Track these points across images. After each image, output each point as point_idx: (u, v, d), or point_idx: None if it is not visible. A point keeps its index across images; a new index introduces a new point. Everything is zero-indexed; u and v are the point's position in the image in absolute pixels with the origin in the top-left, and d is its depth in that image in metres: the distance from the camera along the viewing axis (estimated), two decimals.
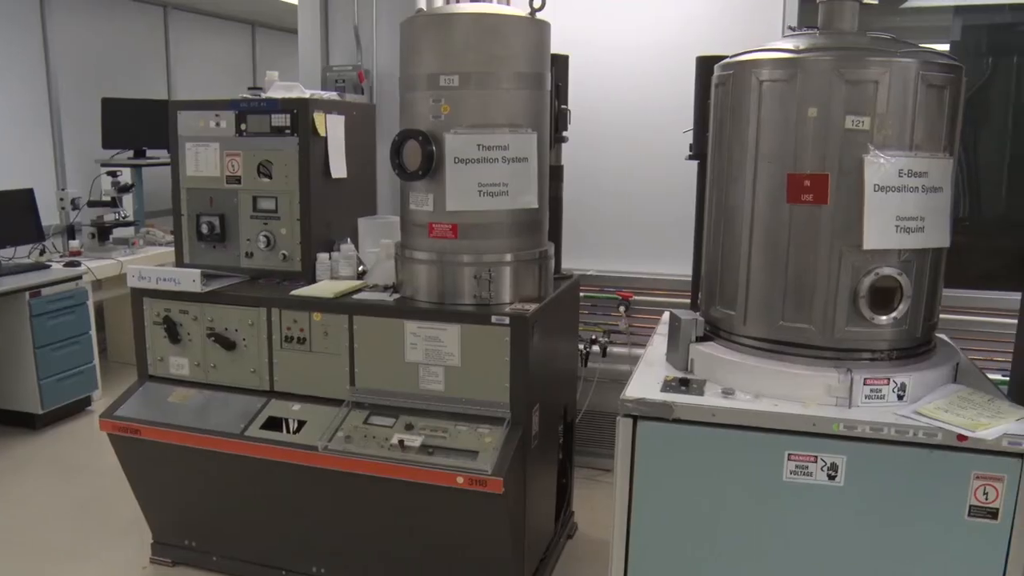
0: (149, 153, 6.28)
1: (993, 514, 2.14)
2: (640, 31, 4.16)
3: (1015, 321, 2.85)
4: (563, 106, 3.33)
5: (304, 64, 4.64)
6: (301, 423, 3.10)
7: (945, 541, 2.19)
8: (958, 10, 4.25)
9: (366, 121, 3.80)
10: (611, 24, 4.19)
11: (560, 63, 3.28)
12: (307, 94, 3.48)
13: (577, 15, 4.15)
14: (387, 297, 3.09)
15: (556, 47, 3.12)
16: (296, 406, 3.15)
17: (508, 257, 2.96)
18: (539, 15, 2.94)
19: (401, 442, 2.88)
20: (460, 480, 2.78)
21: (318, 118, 3.34)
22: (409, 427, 2.94)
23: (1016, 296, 2.83)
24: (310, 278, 3.37)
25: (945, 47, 4.27)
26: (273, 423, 3.14)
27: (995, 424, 2.13)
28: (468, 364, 2.91)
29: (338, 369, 3.09)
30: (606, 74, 4.17)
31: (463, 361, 2.91)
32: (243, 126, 3.38)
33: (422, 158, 2.86)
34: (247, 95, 3.45)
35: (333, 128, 3.43)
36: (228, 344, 3.23)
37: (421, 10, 3.05)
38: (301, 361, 3.15)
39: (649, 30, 4.15)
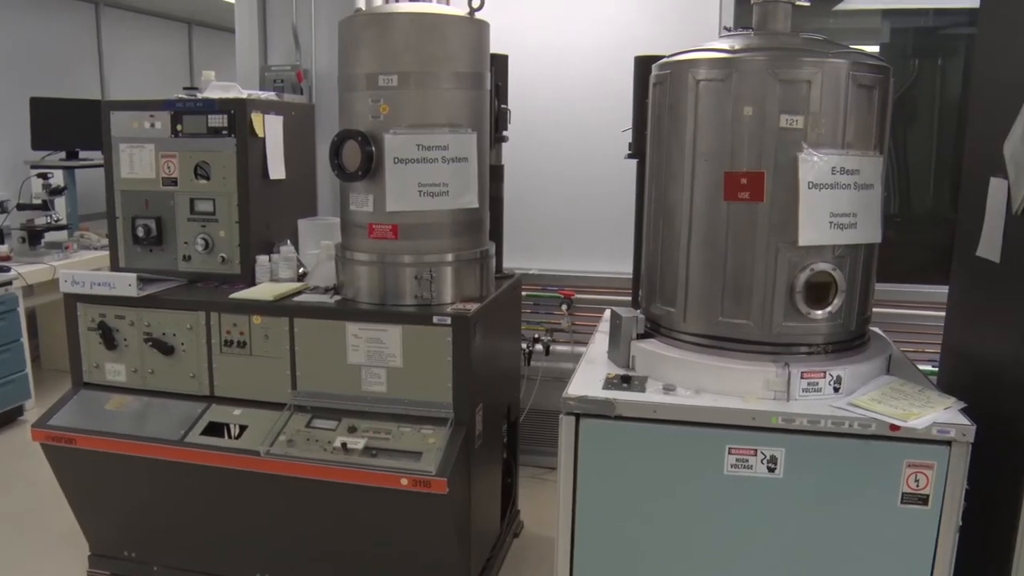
0: (82, 154, 6.12)
1: (924, 500, 2.20)
2: (579, 31, 4.19)
3: (944, 314, 2.95)
4: (503, 106, 3.34)
5: (242, 64, 4.57)
6: (242, 428, 3.05)
7: (880, 528, 2.25)
8: (886, 13, 4.37)
9: (305, 121, 3.76)
10: (550, 24, 4.21)
11: (499, 63, 3.29)
12: (245, 94, 3.43)
13: (516, 15, 4.17)
14: (328, 299, 3.07)
15: (495, 47, 3.12)
16: (237, 411, 3.10)
17: (449, 257, 2.96)
18: (478, 15, 2.94)
19: (344, 445, 2.86)
20: (404, 481, 2.77)
21: (256, 119, 3.29)
22: (352, 429, 2.92)
23: (944, 289, 2.92)
24: (249, 281, 3.32)
25: (875, 49, 4.39)
26: (214, 429, 3.08)
27: (925, 413, 2.19)
28: (410, 365, 2.90)
29: (279, 372, 3.05)
30: (545, 74, 4.20)
31: (405, 362, 2.90)
32: (179, 127, 3.31)
33: (361, 159, 2.84)
34: (183, 95, 3.39)
35: (271, 129, 3.39)
36: (166, 349, 3.17)
37: (360, 9, 3.03)
38: (241, 365, 3.11)
39: (588, 30, 4.18)
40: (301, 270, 3.37)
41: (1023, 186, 2.25)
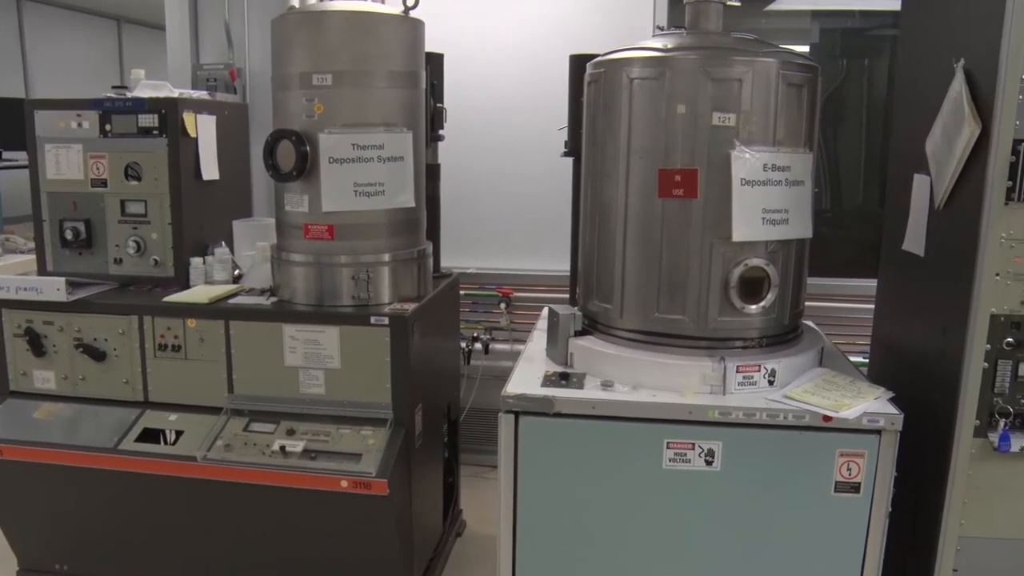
0: (6, 155, 5.94)
1: (856, 488, 2.26)
2: (515, 29, 4.20)
3: (873, 306, 3.03)
4: (439, 104, 3.33)
5: (173, 62, 4.48)
6: (178, 433, 2.98)
7: (815, 516, 2.30)
8: (815, 14, 4.48)
9: (239, 121, 3.70)
10: (486, 22, 4.22)
11: (435, 61, 3.27)
12: (176, 93, 3.35)
13: (451, 14, 4.16)
14: (264, 301, 3.02)
15: (430, 45, 3.11)
16: (173, 416, 3.04)
17: (386, 257, 2.94)
18: (413, 13, 2.92)
19: (283, 448, 2.82)
20: (344, 484, 2.75)
21: (188, 118, 3.22)
22: (291, 432, 2.88)
23: (874, 283, 3.00)
24: (183, 284, 3.25)
25: (806, 49, 4.49)
26: (149, 435, 3.01)
27: (856, 404, 2.25)
28: (348, 366, 2.87)
29: (215, 376, 3.00)
30: (481, 72, 4.20)
31: (343, 363, 2.87)
32: (108, 127, 3.22)
33: (296, 158, 2.80)
34: (111, 94, 3.30)
35: (204, 128, 3.32)
36: (98, 355, 3.09)
37: (293, 7, 2.98)
38: (176, 369, 3.04)
39: (523, 28, 4.20)
40: (236, 272, 3.32)
41: (945, 182, 2.32)
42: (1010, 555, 2.34)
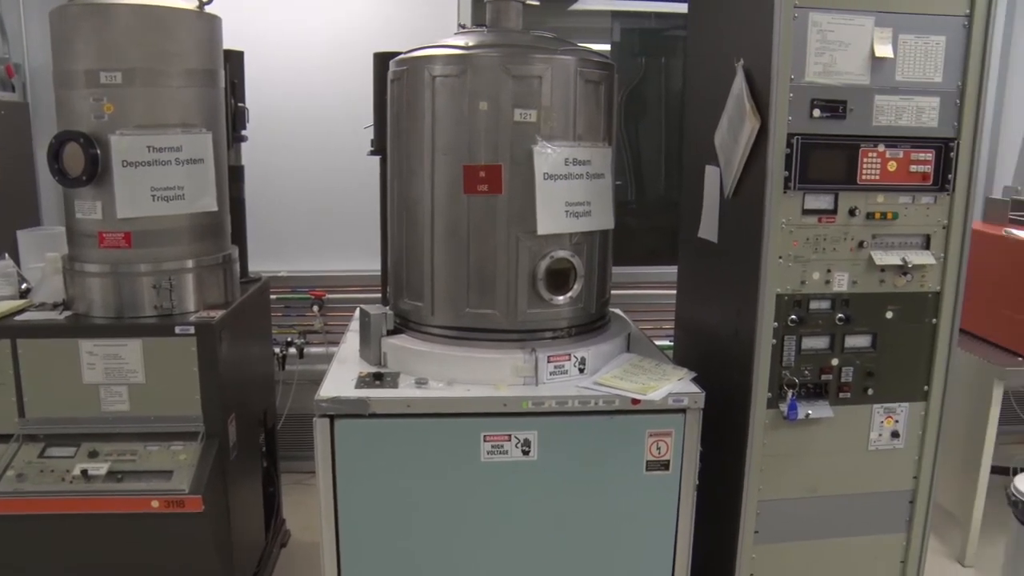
0: None
1: (665, 466, 2.38)
2: (317, 26, 4.13)
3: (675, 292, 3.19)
4: (240, 104, 3.21)
5: None
6: None
7: (629, 496, 2.40)
8: (615, 15, 4.66)
9: (18, 121, 3.44)
10: (288, 18, 4.11)
11: (234, 59, 3.15)
12: None
13: (250, 10, 4.03)
14: (57, 315, 2.82)
15: (229, 43, 3.00)
16: None
17: (189, 264, 2.81)
18: (208, 8, 2.81)
19: (84, 472, 2.64)
20: (155, 504, 2.60)
21: None
22: (93, 454, 2.70)
23: (675, 269, 3.16)
24: None
25: (607, 48, 4.67)
26: None
27: (662, 386, 2.36)
28: (154, 379, 2.72)
29: (3, 400, 2.76)
30: (284, 69, 4.10)
31: (148, 377, 2.72)
32: None
33: (86, 162, 2.63)
34: None
35: None
36: None
37: None
38: None
39: (326, 25, 4.13)
40: (24, 286, 3.07)
41: (732, 173, 2.47)
42: (802, 512, 2.55)
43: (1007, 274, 3.57)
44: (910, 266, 2.41)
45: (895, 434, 2.53)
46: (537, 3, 2.62)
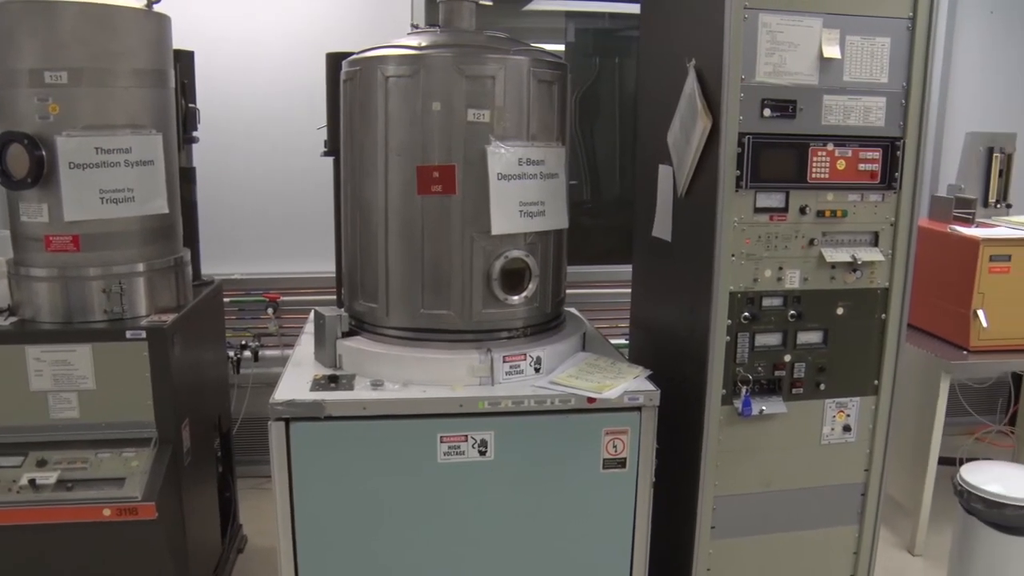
0: None
1: (622, 463, 2.39)
2: (271, 26, 4.09)
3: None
4: (191, 104, 3.17)
5: None
6: None
7: (586, 494, 2.41)
8: (569, 15, 4.68)
9: None
10: (238, 18, 4.07)
11: (185, 59, 3.11)
12: None
13: (200, 9, 3.98)
14: (2, 321, 2.76)
15: (180, 42, 2.95)
16: None
17: (140, 267, 2.76)
18: (157, 7, 2.77)
19: (32, 481, 2.58)
20: (107, 512, 2.56)
21: None
22: (42, 463, 2.64)
23: (630, 268, 3.18)
24: None
25: (561, 48, 4.69)
26: None
27: (617, 384, 2.37)
28: (105, 385, 2.68)
29: None
30: (236, 69, 4.06)
31: (98, 383, 2.67)
32: None
33: (31, 164, 2.57)
34: None
35: None
36: None
37: None
38: None
39: (280, 26, 4.10)
40: None
41: (685, 172, 2.50)
42: (756, 506, 2.58)
43: (952, 270, 3.66)
44: (859, 263, 2.45)
45: (847, 428, 2.57)
46: (491, 3, 2.63)
